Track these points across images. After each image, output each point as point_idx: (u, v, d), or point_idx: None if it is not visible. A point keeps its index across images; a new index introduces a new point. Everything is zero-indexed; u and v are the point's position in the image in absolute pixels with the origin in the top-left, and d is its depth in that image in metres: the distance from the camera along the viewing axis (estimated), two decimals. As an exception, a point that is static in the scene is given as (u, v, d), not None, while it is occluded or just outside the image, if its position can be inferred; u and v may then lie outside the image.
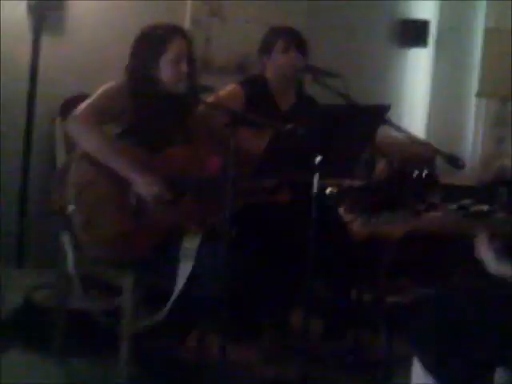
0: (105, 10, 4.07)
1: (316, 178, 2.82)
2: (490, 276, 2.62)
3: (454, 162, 3.06)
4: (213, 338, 3.02)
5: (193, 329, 3.24)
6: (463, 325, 2.40)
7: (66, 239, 2.98)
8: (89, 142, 2.87)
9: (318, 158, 2.79)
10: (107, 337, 2.93)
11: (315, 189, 2.82)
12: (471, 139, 5.35)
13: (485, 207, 3.84)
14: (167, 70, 3.01)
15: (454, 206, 3.83)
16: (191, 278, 2.82)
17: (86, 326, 3.06)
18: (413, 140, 3.25)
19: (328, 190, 3.65)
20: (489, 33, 4.98)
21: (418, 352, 2.47)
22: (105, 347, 3.03)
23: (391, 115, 3.12)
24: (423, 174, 3.84)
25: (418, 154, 3.73)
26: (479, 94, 5.04)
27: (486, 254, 2.57)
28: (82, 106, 2.92)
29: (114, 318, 2.91)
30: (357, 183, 3.54)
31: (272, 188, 3.17)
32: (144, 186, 2.87)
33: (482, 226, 2.71)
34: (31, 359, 3.14)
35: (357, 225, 2.45)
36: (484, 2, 5.21)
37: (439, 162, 3.45)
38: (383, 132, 3.31)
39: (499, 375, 2.58)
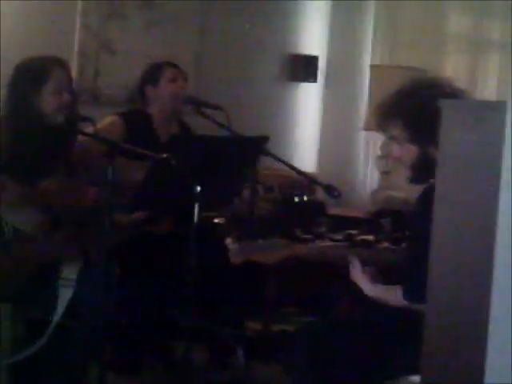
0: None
1: (196, 209, 2.85)
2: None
3: (330, 191, 3.14)
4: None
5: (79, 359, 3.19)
6: (335, 353, 2.46)
7: None
8: None
9: (198, 188, 2.83)
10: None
11: (195, 219, 2.85)
12: (361, 172, 5.51)
13: (370, 237, 3.96)
14: (48, 101, 2.99)
15: (340, 236, 3.93)
16: (70, 308, 2.80)
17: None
18: (293, 170, 3.32)
19: (215, 221, 3.71)
20: (374, 69, 5.16)
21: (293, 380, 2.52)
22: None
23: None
24: (306, 203, 3.94)
25: (300, 184, 3.82)
26: (366, 128, 5.19)
27: (358, 278, 2.64)
28: None
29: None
30: (243, 214, 3.60)
31: (152, 218, 3.17)
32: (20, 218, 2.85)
33: (356, 254, 2.79)
34: None
35: (232, 251, 2.50)
36: (369, 40, 5.41)
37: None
38: (266, 163, 3.39)
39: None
